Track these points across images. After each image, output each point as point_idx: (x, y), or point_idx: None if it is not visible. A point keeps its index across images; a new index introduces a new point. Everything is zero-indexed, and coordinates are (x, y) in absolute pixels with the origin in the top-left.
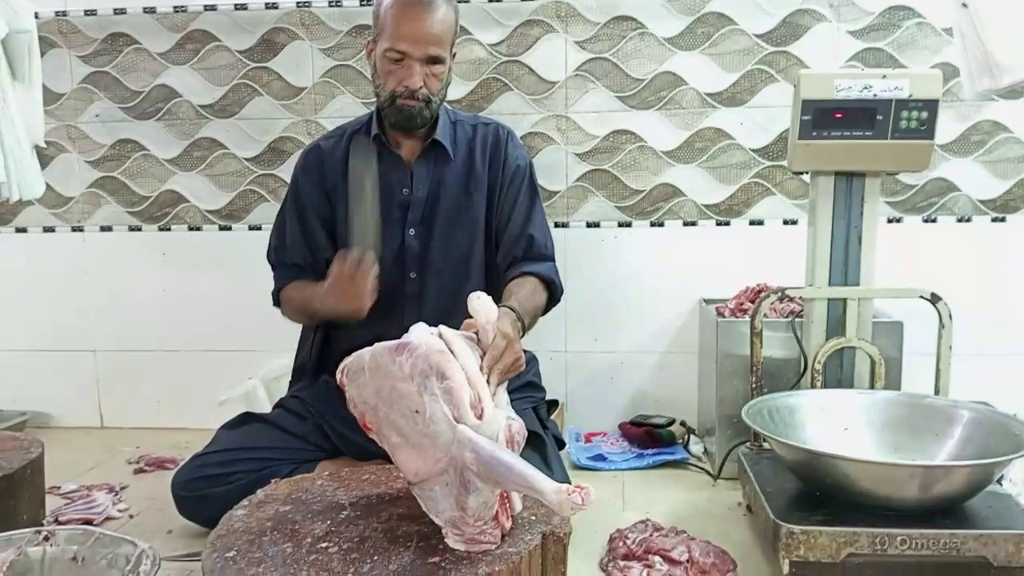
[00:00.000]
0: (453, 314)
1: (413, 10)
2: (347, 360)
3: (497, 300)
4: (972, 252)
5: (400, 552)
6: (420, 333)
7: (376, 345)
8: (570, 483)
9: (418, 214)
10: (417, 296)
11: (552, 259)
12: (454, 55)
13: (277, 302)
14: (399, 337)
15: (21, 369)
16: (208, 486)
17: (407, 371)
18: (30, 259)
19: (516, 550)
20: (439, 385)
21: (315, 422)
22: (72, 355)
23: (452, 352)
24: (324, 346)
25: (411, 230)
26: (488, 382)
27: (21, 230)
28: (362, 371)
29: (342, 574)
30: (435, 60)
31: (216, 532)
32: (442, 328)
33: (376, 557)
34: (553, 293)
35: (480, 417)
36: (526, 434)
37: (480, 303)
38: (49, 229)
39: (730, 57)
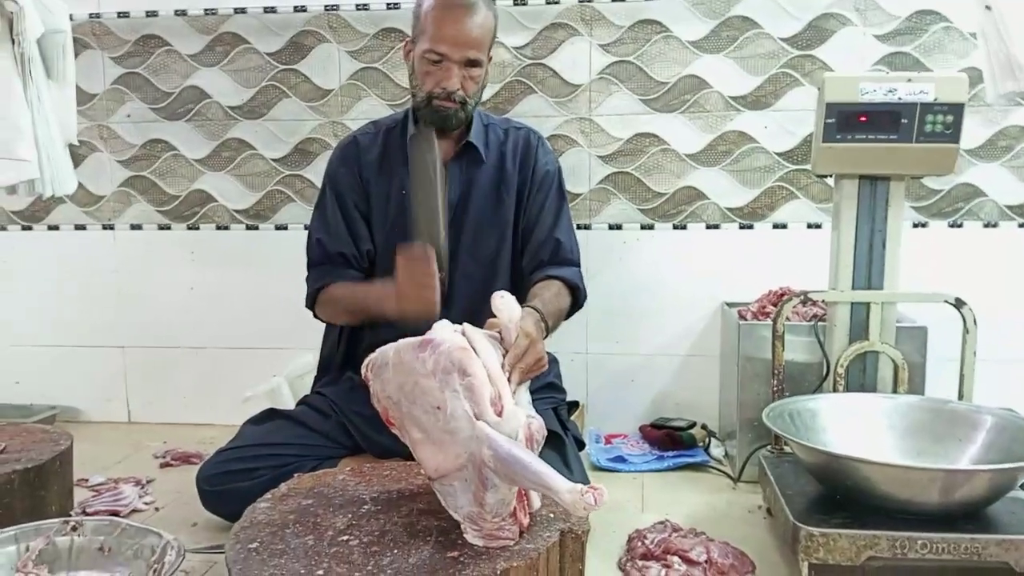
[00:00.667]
0: (481, 314)
1: (454, 13)
2: (372, 355)
3: (522, 302)
4: (998, 258)
5: (420, 546)
6: (443, 330)
7: (400, 341)
8: (588, 484)
9: (449, 216)
10: (446, 296)
11: (577, 264)
12: (491, 59)
13: (312, 303)
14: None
15: (51, 364)
16: (232, 480)
17: (430, 367)
18: (61, 256)
19: (534, 546)
20: (460, 382)
21: (338, 419)
22: (101, 351)
23: (474, 350)
24: (350, 342)
25: None
26: (509, 380)
27: (53, 228)
28: (386, 366)
29: (362, 567)
30: (473, 63)
31: (240, 524)
32: (466, 326)
33: (396, 550)
34: (577, 298)
35: (500, 414)
36: (545, 433)
37: (503, 302)
38: (80, 227)
39: (755, 60)
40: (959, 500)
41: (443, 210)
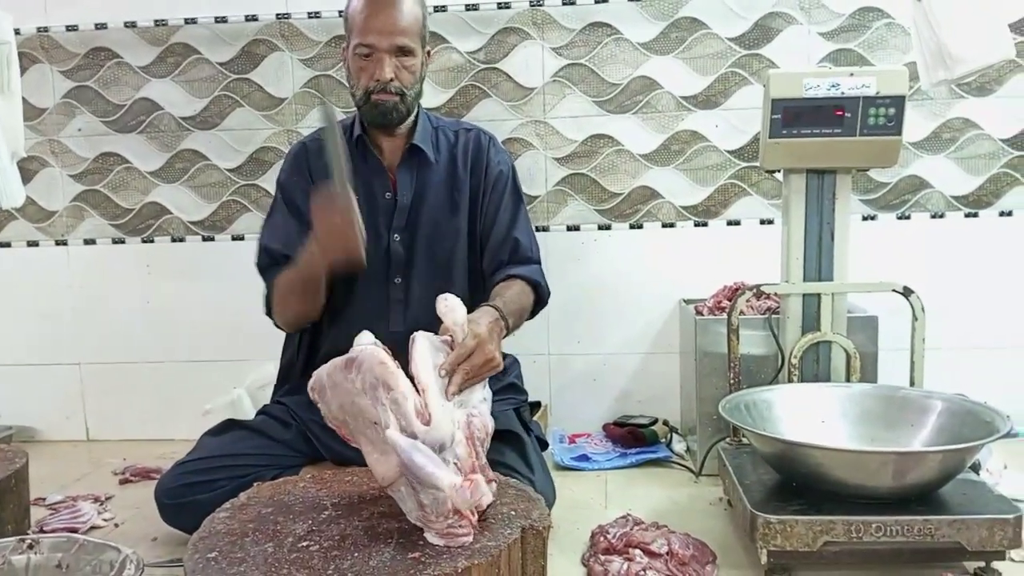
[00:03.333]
0: (438, 318)
1: (377, 4)
2: (311, 381)
3: (482, 304)
4: (946, 248)
5: (381, 548)
6: (364, 346)
7: (329, 363)
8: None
9: (402, 220)
10: (402, 301)
11: (538, 262)
12: (428, 53)
13: (269, 308)
14: (385, 341)
15: (6, 383)
16: (191, 493)
17: (359, 386)
18: (14, 273)
19: (495, 543)
20: (387, 396)
21: (299, 428)
22: (57, 369)
23: (409, 358)
24: (310, 349)
25: (396, 236)
26: (450, 382)
27: (4, 244)
28: (324, 390)
29: (323, 571)
30: (404, 51)
31: (198, 534)
32: (416, 334)
33: (357, 554)
34: (540, 295)
35: (427, 423)
36: (491, 429)
37: (447, 305)
38: (33, 243)
39: (704, 60)
40: (911, 483)
41: (345, 158)
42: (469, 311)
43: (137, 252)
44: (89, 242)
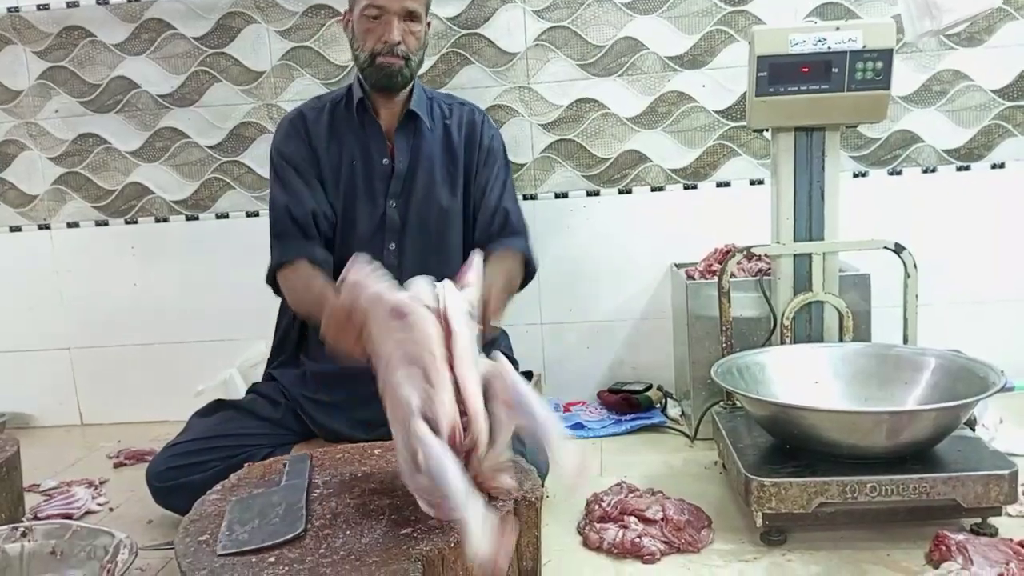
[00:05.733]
0: None
1: None
2: (347, 280)
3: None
4: (938, 202)
5: (372, 525)
6: (420, 301)
7: (373, 291)
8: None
9: (398, 186)
10: (396, 267)
11: (526, 234)
12: (429, 23)
13: (273, 278)
14: None
15: None
16: (182, 475)
17: (397, 339)
18: None
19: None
20: (425, 389)
21: (289, 406)
22: (48, 354)
23: (454, 344)
24: (304, 323)
25: (391, 202)
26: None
27: None
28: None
29: (314, 550)
30: (412, 16)
31: (189, 517)
32: (447, 294)
33: (348, 531)
34: (530, 268)
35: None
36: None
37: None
38: (15, 228)
39: (689, 19)
40: (905, 441)
41: None
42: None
43: (121, 234)
44: (72, 225)
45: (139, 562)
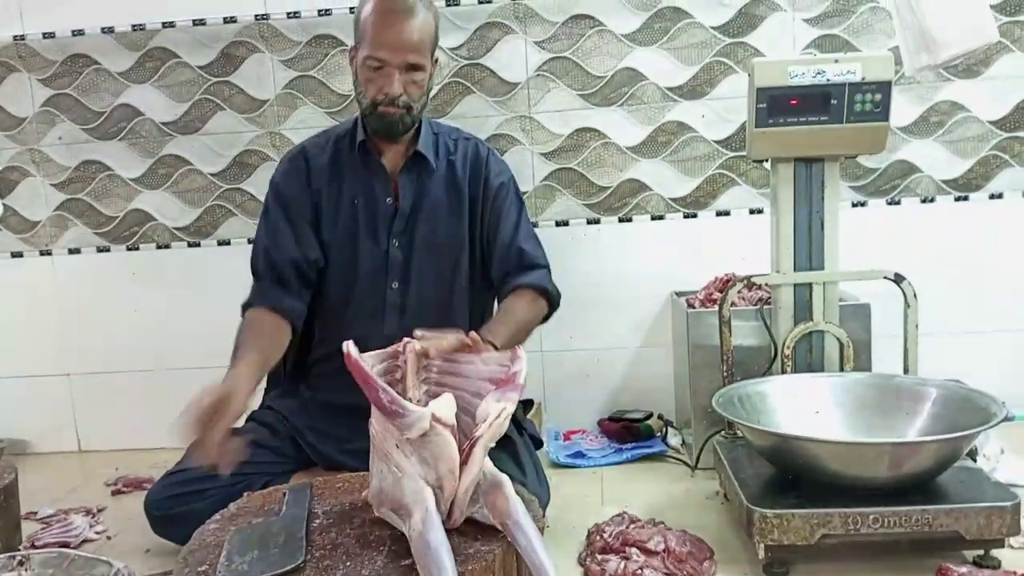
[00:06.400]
0: (433, 325)
1: (391, 18)
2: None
3: (489, 315)
4: (937, 232)
5: (373, 556)
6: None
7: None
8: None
9: (402, 225)
10: (398, 306)
11: (544, 267)
12: (436, 61)
13: (246, 309)
14: (379, 345)
15: None
16: (180, 504)
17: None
18: None
19: (489, 548)
20: (433, 481)
21: (288, 434)
22: (47, 380)
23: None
24: (299, 352)
25: (395, 241)
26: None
27: None
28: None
29: None
30: (414, 67)
31: (188, 547)
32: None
33: (348, 563)
34: (550, 300)
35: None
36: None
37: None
38: (17, 254)
39: (688, 51)
40: (908, 472)
41: None
42: (471, 320)
43: (123, 260)
44: (74, 251)
45: None
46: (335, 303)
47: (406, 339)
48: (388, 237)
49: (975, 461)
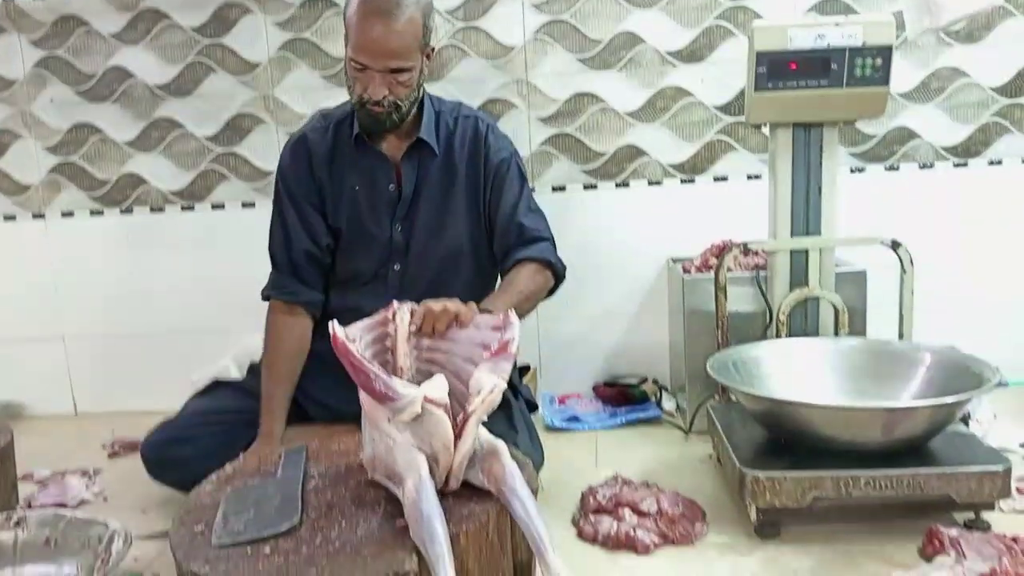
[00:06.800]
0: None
1: (371, 22)
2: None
3: (491, 291)
4: (936, 198)
5: (368, 516)
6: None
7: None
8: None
9: (404, 210)
10: (398, 287)
11: (547, 239)
12: (433, 49)
13: (267, 298)
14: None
15: None
16: (173, 449)
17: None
18: None
19: (483, 508)
20: (429, 447)
21: None
22: (42, 343)
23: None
24: None
25: (397, 226)
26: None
27: None
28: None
29: (310, 541)
30: (398, 70)
31: (184, 508)
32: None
33: (344, 523)
34: (555, 272)
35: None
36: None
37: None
38: (10, 217)
39: (688, 13)
40: (900, 436)
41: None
42: (477, 300)
43: (116, 224)
44: (67, 214)
45: (133, 551)
46: (341, 280)
47: (396, 303)
48: (391, 222)
49: (968, 426)
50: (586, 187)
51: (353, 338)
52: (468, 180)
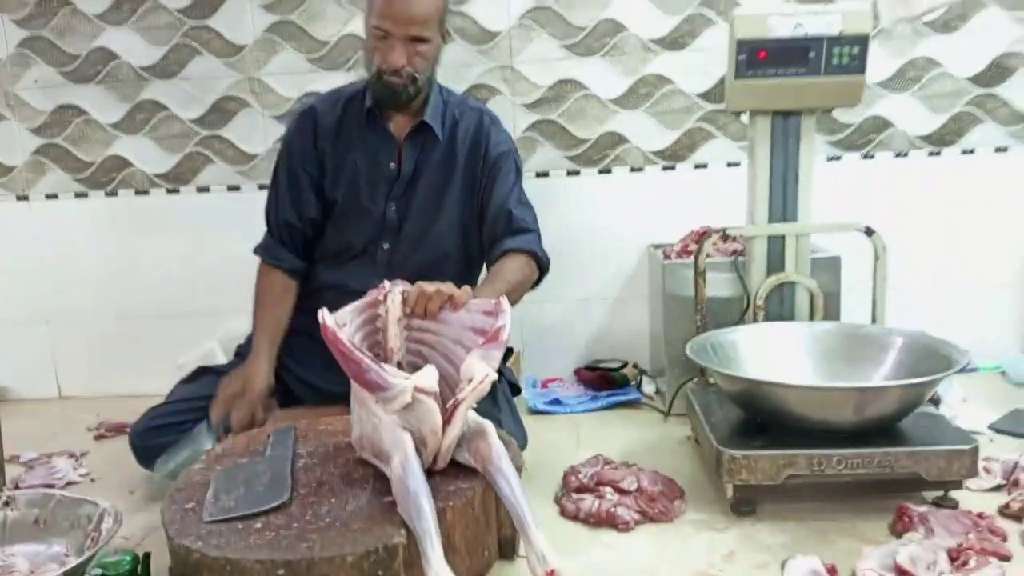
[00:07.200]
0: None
1: None
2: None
3: (478, 280)
4: (910, 187)
5: (357, 493)
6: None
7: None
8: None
9: (400, 190)
10: (386, 265)
11: (533, 231)
12: (448, 32)
13: (258, 252)
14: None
15: None
16: (161, 435)
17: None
18: None
19: (469, 485)
20: (413, 425)
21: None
22: (26, 326)
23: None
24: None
25: (392, 204)
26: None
27: None
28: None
29: (300, 517)
30: (419, 39)
31: (175, 486)
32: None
33: (334, 499)
34: (539, 263)
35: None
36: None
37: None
38: None
39: (670, 1)
40: (872, 416)
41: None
42: (459, 286)
43: (101, 206)
44: (51, 197)
45: (122, 531)
46: (331, 254)
47: (387, 284)
48: (386, 200)
49: (938, 408)
50: (569, 173)
51: (343, 322)
52: (466, 169)
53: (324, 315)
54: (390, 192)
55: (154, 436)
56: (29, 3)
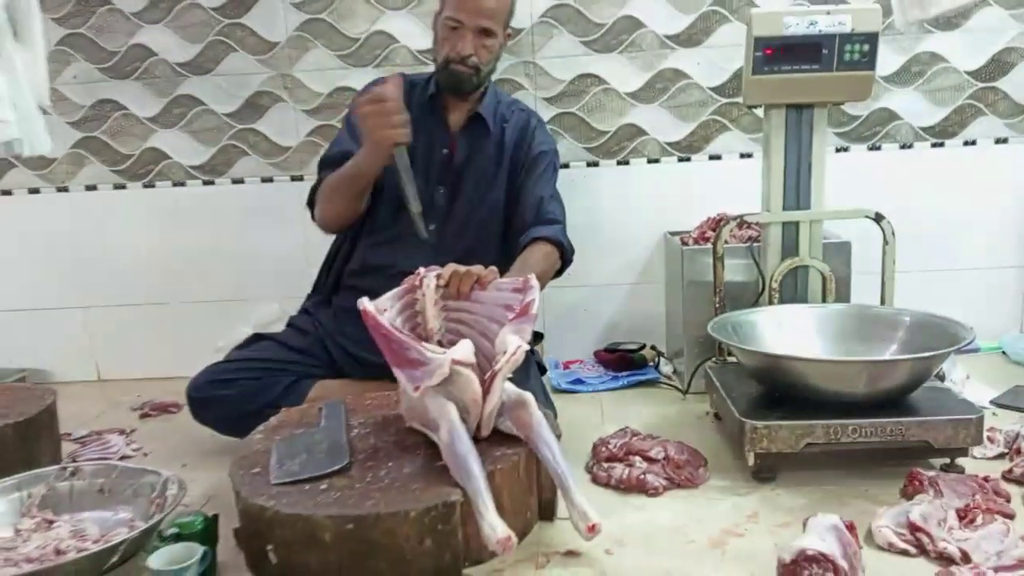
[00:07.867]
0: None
1: None
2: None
3: (511, 265)
4: (914, 176)
5: (412, 458)
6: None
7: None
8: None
9: (450, 176)
10: (434, 247)
11: (561, 223)
12: (509, 34)
13: (312, 201)
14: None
15: (15, 328)
16: (214, 389)
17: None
18: (17, 221)
19: (514, 451)
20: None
21: (317, 337)
22: (64, 312)
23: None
24: (344, 262)
25: (440, 188)
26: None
27: (6, 193)
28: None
29: (361, 479)
30: (487, 32)
31: (239, 454)
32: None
33: (391, 463)
34: (563, 254)
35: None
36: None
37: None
38: (34, 191)
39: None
40: (883, 389)
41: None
42: (502, 272)
43: (138, 197)
44: (90, 188)
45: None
46: (379, 229)
47: (421, 269)
48: (436, 183)
49: (943, 383)
50: (588, 164)
51: (383, 308)
52: (511, 163)
53: (364, 303)
54: (441, 177)
55: (209, 389)
56: (69, 2)
